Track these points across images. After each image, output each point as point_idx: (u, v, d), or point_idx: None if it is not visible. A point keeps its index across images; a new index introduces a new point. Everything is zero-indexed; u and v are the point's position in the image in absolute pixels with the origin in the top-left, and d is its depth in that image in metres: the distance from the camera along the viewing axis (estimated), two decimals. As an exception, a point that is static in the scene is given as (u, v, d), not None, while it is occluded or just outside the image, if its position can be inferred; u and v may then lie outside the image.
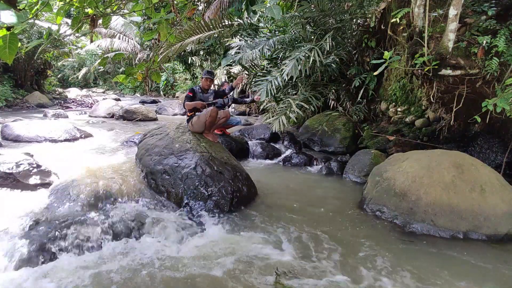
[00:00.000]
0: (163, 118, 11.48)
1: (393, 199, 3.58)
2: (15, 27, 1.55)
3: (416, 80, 5.35)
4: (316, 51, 5.60)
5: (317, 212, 3.75)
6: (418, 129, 5.72)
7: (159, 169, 3.89)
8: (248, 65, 8.16)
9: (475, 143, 4.88)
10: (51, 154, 5.40)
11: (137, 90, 25.85)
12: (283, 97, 7.00)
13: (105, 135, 7.88)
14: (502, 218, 3.19)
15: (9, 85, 13.63)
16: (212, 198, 3.64)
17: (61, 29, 11.10)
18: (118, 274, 2.50)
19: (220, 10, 8.38)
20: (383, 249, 2.96)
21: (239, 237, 3.09)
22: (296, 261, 2.73)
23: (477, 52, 4.06)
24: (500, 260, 2.85)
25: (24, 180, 3.76)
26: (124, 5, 2.80)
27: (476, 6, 4.40)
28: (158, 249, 2.85)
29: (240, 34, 8.05)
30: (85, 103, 16.22)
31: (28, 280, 2.40)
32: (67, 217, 3.00)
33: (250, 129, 7.71)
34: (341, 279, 2.51)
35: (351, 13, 6.57)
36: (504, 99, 3.53)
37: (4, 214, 3.04)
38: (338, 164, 5.41)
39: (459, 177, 3.40)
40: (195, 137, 4.47)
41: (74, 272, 2.50)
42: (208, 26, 7.45)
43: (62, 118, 10.40)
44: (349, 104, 7.02)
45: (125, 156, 5.45)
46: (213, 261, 2.68)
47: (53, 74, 22.35)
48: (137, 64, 3.39)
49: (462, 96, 4.31)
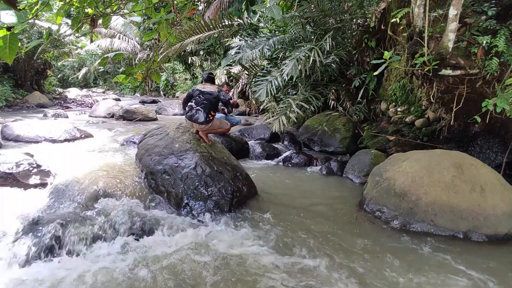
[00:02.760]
0: (163, 118, 11.49)
1: (393, 199, 3.58)
2: (15, 27, 1.55)
3: (416, 80, 5.35)
4: (316, 51, 5.60)
5: (317, 212, 3.75)
6: (418, 129, 5.72)
7: (159, 169, 3.89)
8: (248, 65, 8.17)
9: (475, 143, 4.88)
10: (51, 154, 5.40)
11: (137, 90, 25.86)
12: (283, 97, 7.00)
13: (105, 135, 7.88)
14: (502, 218, 3.20)
15: (9, 85, 13.63)
16: (212, 198, 3.64)
17: (61, 29, 11.11)
18: (118, 274, 2.50)
19: (220, 10, 8.38)
20: (383, 249, 2.96)
21: (239, 237, 3.09)
22: (296, 260, 2.73)
23: (477, 52, 4.06)
24: (500, 260, 2.85)
25: (24, 180, 3.77)
26: (124, 5, 2.81)
27: (476, 6, 4.40)
28: (158, 249, 2.85)
29: (240, 34, 8.06)
30: (85, 103, 16.24)
31: (28, 280, 2.40)
32: (67, 217, 3.00)
33: (250, 129, 7.71)
34: (341, 279, 2.51)
35: (351, 13, 6.57)
36: (504, 99, 3.54)
37: (4, 214, 3.04)
38: (338, 164, 5.41)
39: (459, 177, 3.40)
40: (195, 137, 4.47)
41: (74, 272, 2.50)
42: (208, 26, 7.46)
43: (62, 118, 10.40)
44: (349, 104, 7.02)
45: (125, 156, 5.45)
46: (213, 261, 2.68)
47: (53, 74, 22.36)
48: (137, 64, 3.39)
49: (462, 96, 4.30)
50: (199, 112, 4.42)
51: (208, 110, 4.46)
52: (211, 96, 4.53)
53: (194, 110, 4.44)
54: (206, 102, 4.47)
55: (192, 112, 4.44)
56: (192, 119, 4.45)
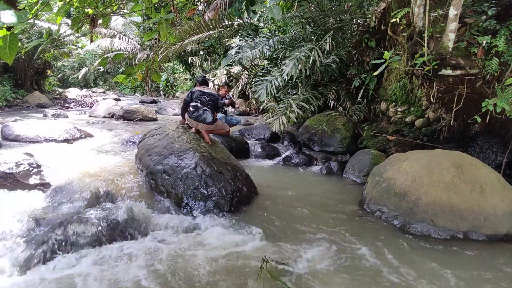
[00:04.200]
0: (163, 118, 11.49)
1: (393, 199, 3.58)
2: (15, 27, 1.55)
3: (416, 80, 5.35)
4: (316, 51, 5.61)
5: (317, 212, 3.75)
6: (418, 129, 5.72)
7: (159, 169, 3.89)
8: (248, 65, 8.18)
9: (475, 143, 4.88)
10: (51, 154, 5.40)
11: (137, 90, 25.86)
12: (283, 97, 7.00)
13: (105, 135, 7.88)
14: (502, 218, 3.20)
15: (9, 85, 13.64)
16: (212, 198, 3.64)
17: (61, 29, 11.12)
18: (119, 273, 2.50)
19: (220, 10, 8.39)
20: (383, 249, 2.95)
21: (239, 237, 3.09)
22: (296, 260, 2.73)
23: (477, 52, 4.06)
24: (500, 260, 2.85)
25: (24, 180, 3.77)
26: (124, 5, 2.81)
27: (476, 6, 4.40)
28: (157, 249, 2.85)
29: (240, 34, 8.06)
30: (85, 103, 16.24)
31: (28, 280, 2.39)
32: (67, 217, 3.00)
33: (250, 129, 7.71)
34: (341, 279, 2.51)
35: (351, 13, 6.58)
36: (504, 99, 3.53)
37: (4, 214, 3.03)
38: (338, 164, 5.41)
39: (459, 177, 3.40)
40: (195, 137, 4.47)
41: (73, 272, 2.50)
42: (208, 26, 7.46)
43: (62, 118, 10.40)
44: (349, 104, 7.02)
45: (125, 156, 5.45)
46: (213, 261, 2.68)
47: (53, 74, 22.36)
48: (137, 64, 3.39)
49: (462, 96, 4.30)
50: (206, 113, 4.49)
51: (213, 110, 4.59)
52: (214, 97, 4.62)
53: (202, 111, 4.49)
54: (212, 103, 4.58)
55: (200, 112, 4.49)
56: (199, 119, 4.49)
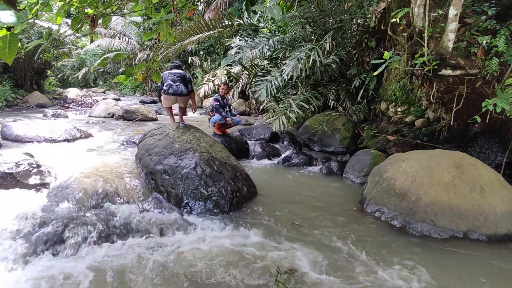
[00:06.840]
0: (163, 118, 11.47)
1: (393, 199, 3.58)
2: (15, 27, 1.54)
3: (416, 80, 5.35)
4: (317, 50, 5.60)
5: (317, 212, 3.75)
6: (418, 129, 5.72)
7: (159, 169, 3.89)
8: (248, 65, 8.17)
9: (475, 143, 4.89)
10: (51, 154, 5.40)
11: (137, 90, 25.83)
12: (283, 97, 7.01)
13: (105, 135, 7.87)
14: (502, 218, 3.20)
15: (9, 85, 13.63)
16: (212, 198, 3.64)
17: (61, 29, 11.11)
18: (118, 273, 2.50)
19: (220, 10, 8.39)
20: (383, 249, 2.96)
21: (239, 237, 3.09)
22: (296, 260, 2.73)
23: (477, 52, 4.06)
24: (500, 259, 2.85)
25: (24, 180, 3.77)
26: (124, 5, 2.80)
27: (476, 6, 4.40)
28: (157, 249, 2.85)
29: (240, 34, 8.07)
30: (85, 103, 16.22)
31: (28, 280, 2.39)
32: (67, 217, 3.00)
33: (250, 129, 7.70)
34: (340, 278, 2.51)
35: (351, 13, 6.58)
36: (504, 99, 3.54)
37: (4, 214, 3.03)
38: (338, 164, 5.41)
39: (459, 177, 3.40)
40: (195, 137, 4.47)
41: (73, 272, 2.50)
42: (208, 26, 7.46)
43: (62, 118, 10.39)
44: (349, 104, 7.02)
45: (125, 156, 5.45)
46: (213, 261, 2.68)
47: (53, 74, 22.36)
48: (137, 64, 3.39)
49: (462, 96, 4.30)
50: (180, 86, 5.24)
51: (185, 84, 5.30)
52: (181, 74, 5.38)
53: (175, 86, 5.23)
54: (180, 78, 5.30)
55: (174, 88, 5.23)
56: (177, 93, 5.24)
